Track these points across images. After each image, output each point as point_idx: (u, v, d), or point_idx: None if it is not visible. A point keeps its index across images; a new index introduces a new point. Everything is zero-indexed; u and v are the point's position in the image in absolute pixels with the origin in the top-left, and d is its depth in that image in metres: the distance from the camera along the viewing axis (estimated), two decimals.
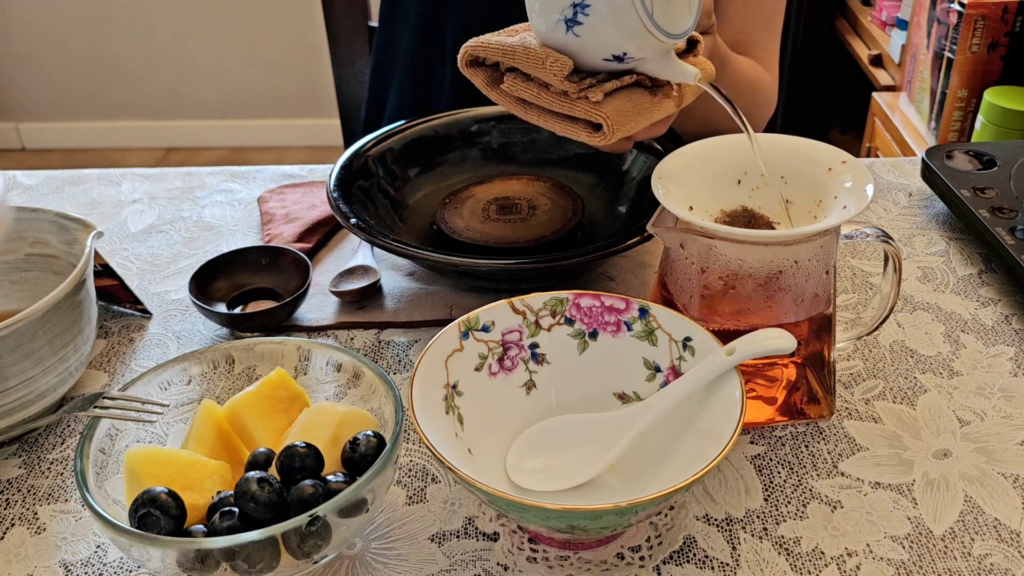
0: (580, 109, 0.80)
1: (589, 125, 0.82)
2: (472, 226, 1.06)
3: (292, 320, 1.00)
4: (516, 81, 0.83)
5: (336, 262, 1.10)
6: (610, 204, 1.12)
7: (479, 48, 0.84)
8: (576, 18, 0.77)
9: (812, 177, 0.82)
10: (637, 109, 0.82)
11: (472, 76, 0.86)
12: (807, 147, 0.84)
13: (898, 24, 2.54)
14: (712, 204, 0.83)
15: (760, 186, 0.85)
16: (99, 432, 0.73)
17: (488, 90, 0.86)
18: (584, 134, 0.82)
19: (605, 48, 0.78)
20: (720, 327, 0.79)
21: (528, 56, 0.81)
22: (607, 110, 0.80)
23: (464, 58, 0.86)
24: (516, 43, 0.82)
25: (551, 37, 0.80)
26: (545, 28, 0.80)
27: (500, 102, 0.85)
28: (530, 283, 0.99)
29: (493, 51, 0.84)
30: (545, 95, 0.82)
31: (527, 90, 0.83)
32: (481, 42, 0.85)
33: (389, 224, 1.07)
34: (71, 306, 0.84)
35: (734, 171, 0.85)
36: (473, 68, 0.86)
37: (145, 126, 4.08)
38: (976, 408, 0.87)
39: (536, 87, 0.82)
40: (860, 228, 0.82)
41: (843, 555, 0.74)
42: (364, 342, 0.98)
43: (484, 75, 0.86)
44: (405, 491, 0.81)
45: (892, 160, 1.32)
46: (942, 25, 2.13)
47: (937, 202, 1.19)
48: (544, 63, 0.79)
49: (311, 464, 0.71)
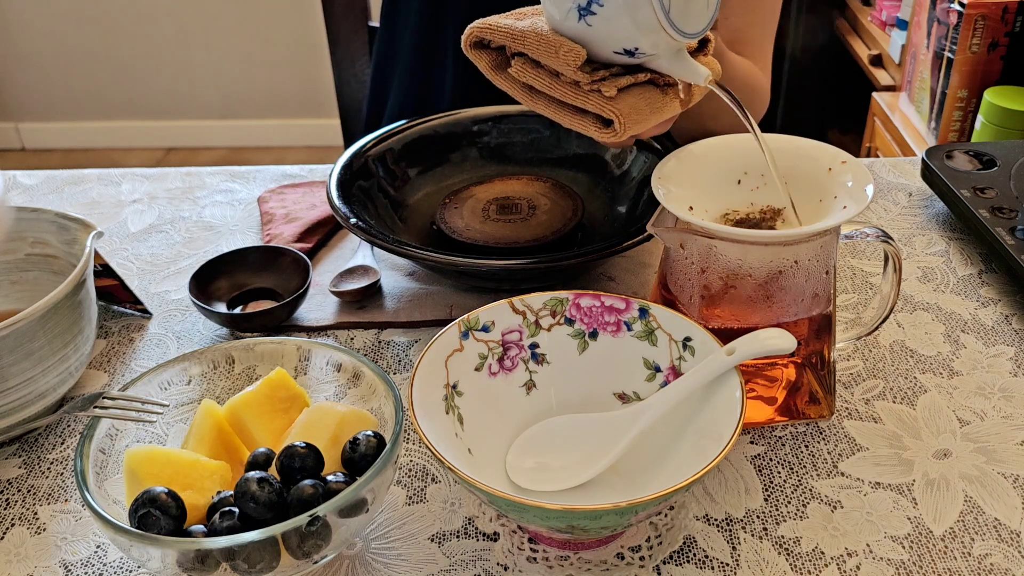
0: (593, 103, 0.78)
1: (599, 120, 0.80)
2: (472, 226, 1.06)
3: (292, 320, 1.00)
4: (525, 67, 0.81)
5: (336, 262, 1.10)
6: (610, 204, 1.12)
7: (486, 30, 0.82)
8: (590, 7, 0.75)
9: (812, 177, 0.82)
10: (650, 107, 0.80)
11: (476, 58, 0.84)
12: (807, 147, 0.84)
13: (898, 24, 2.54)
14: (712, 204, 0.83)
15: (760, 186, 0.85)
16: (99, 432, 0.73)
17: (492, 74, 0.84)
18: (593, 129, 0.80)
19: (617, 41, 0.77)
20: (720, 327, 0.79)
21: (540, 42, 0.79)
22: (621, 107, 0.78)
23: (469, 39, 0.83)
24: (527, 27, 0.80)
25: (563, 25, 0.78)
26: (558, 15, 0.78)
27: (505, 87, 0.84)
28: (530, 283, 0.99)
29: (501, 34, 0.82)
30: (557, 85, 0.80)
31: (537, 78, 0.80)
32: (488, 24, 0.82)
33: (389, 224, 1.07)
34: (71, 306, 0.84)
35: (734, 171, 0.85)
36: (477, 50, 0.84)
37: (145, 126, 4.08)
38: (976, 408, 0.87)
39: (547, 75, 0.80)
40: (860, 228, 0.82)
41: (843, 555, 0.74)
42: (364, 342, 0.98)
43: (489, 58, 0.84)
44: (405, 491, 0.81)
45: (892, 160, 1.32)
46: (942, 25, 2.13)
47: (937, 202, 1.19)
48: (558, 52, 0.77)
49: (311, 464, 0.71)
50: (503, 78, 0.84)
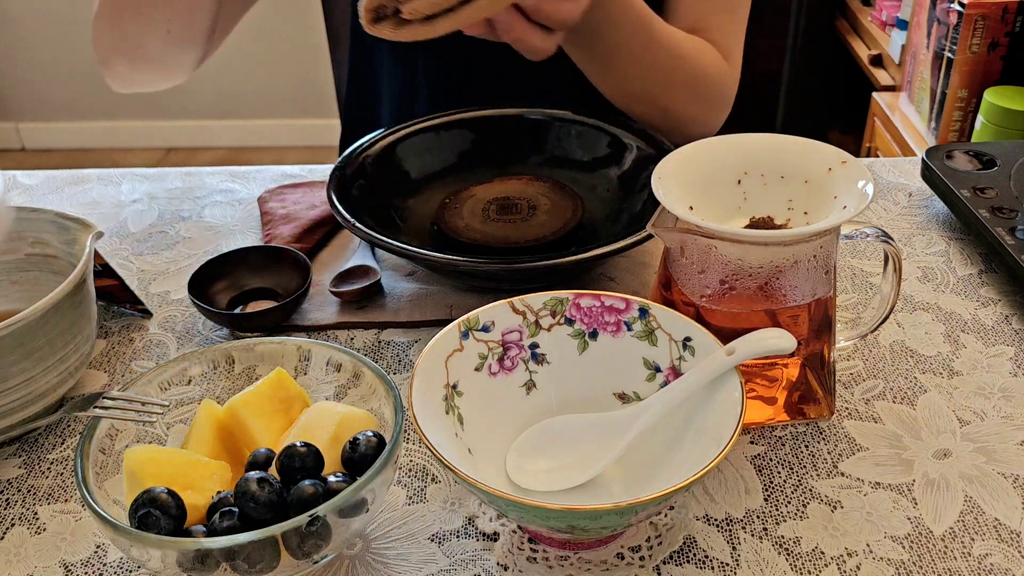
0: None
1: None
2: (472, 226, 1.06)
3: (292, 320, 1.00)
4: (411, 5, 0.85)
5: (336, 262, 1.10)
6: (610, 204, 1.12)
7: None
8: None
9: (812, 177, 0.82)
10: None
11: (379, 32, 0.88)
12: (806, 147, 0.84)
13: (898, 24, 2.54)
14: (712, 204, 0.83)
15: (760, 186, 0.85)
16: (99, 432, 0.73)
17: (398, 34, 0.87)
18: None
19: None
20: (719, 326, 0.79)
21: None
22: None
23: (367, 18, 0.87)
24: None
25: None
26: None
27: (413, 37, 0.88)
28: (530, 283, 0.99)
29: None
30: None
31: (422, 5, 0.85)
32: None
33: (389, 224, 1.07)
34: (71, 306, 0.84)
35: (734, 171, 0.85)
36: (378, 25, 0.87)
37: (145, 126, 4.08)
38: (976, 408, 0.87)
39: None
40: (860, 228, 0.82)
41: (843, 555, 0.74)
42: (364, 342, 0.98)
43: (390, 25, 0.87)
44: (405, 491, 0.81)
45: (892, 160, 1.32)
46: (942, 25, 2.14)
47: (937, 202, 1.19)
48: None
49: (311, 464, 0.71)
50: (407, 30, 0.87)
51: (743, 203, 0.85)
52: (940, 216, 1.17)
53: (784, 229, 0.82)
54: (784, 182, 0.84)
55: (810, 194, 0.82)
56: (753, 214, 0.84)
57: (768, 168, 0.84)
